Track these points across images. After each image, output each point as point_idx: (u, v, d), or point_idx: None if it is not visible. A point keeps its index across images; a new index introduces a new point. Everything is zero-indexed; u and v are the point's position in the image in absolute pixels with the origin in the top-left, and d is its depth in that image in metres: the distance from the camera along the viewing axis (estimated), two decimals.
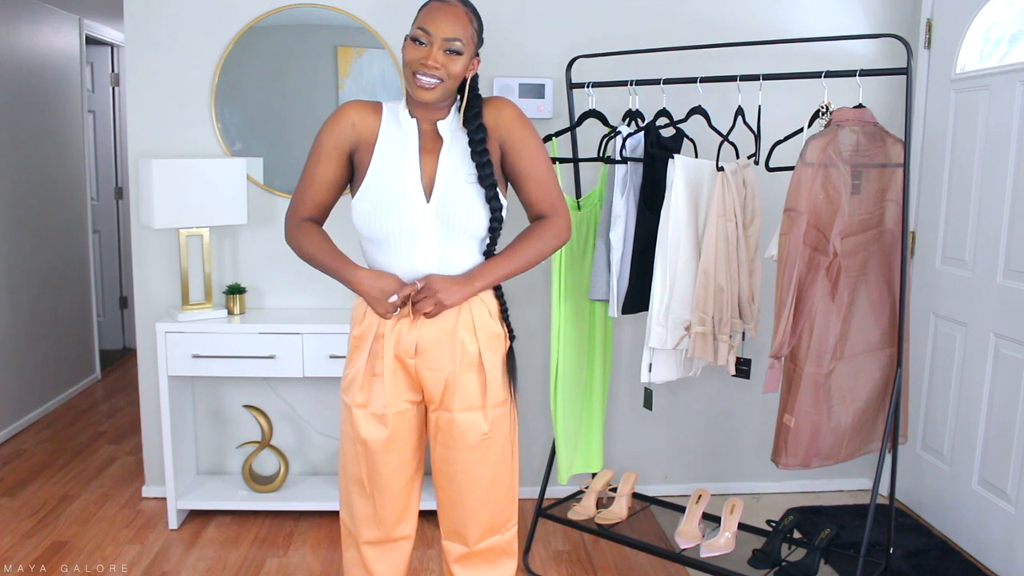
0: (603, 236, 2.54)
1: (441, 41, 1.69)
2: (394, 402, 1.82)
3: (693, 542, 2.53)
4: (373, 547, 1.93)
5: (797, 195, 2.20)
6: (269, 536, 2.92)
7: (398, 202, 1.74)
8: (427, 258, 1.77)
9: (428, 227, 1.76)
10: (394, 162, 1.77)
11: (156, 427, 3.10)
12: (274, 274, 3.12)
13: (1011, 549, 2.63)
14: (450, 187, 1.76)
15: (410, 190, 1.75)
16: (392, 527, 1.92)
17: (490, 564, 1.95)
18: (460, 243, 1.79)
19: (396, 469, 1.87)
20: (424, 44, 1.70)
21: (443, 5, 1.72)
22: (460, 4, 1.75)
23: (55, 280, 4.36)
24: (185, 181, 2.81)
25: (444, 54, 1.70)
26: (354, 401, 1.83)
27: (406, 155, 1.77)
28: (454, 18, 1.71)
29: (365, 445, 1.83)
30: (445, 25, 1.70)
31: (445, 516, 1.94)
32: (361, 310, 1.84)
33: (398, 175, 1.76)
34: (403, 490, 1.90)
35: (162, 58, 2.98)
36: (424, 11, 1.74)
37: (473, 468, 1.85)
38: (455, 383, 1.81)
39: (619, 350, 3.16)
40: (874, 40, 3.09)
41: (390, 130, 1.80)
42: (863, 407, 2.38)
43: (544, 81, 3.02)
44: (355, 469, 1.87)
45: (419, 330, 1.79)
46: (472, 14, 1.77)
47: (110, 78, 5.25)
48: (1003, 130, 2.66)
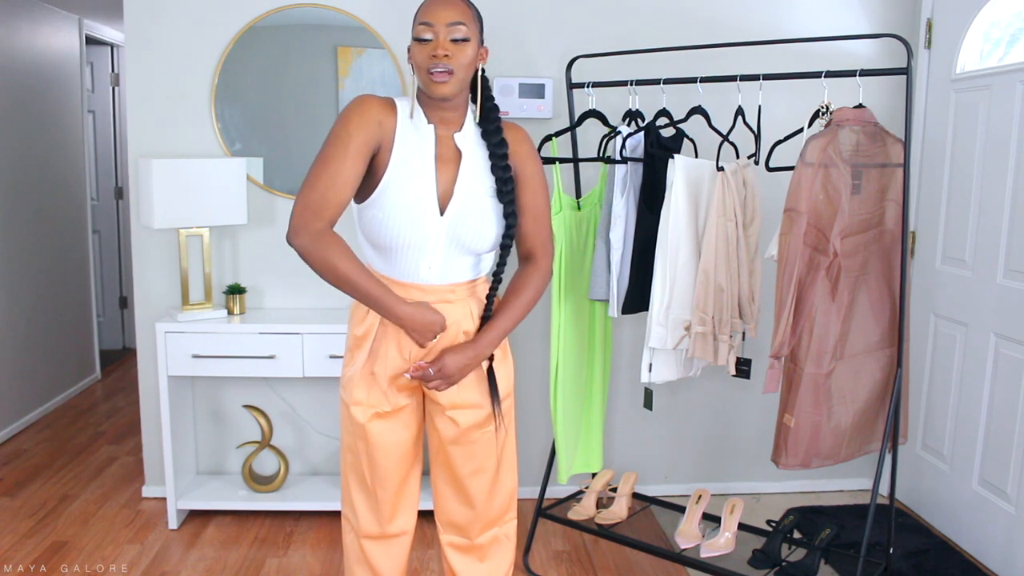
0: (603, 236, 2.54)
1: (445, 29, 1.66)
2: (395, 399, 1.83)
3: (693, 542, 2.53)
4: (374, 542, 1.94)
5: (797, 195, 2.20)
6: (269, 536, 2.92)
7: (411, 213, 1.71)
8: (431, 268, 1.76)
9: (438, 240, 1.74)
10: (411, 170, 1.72)
11: (156, 427, 3.10)
12: (274, 274, 3.12)
13: (1011, 549, 2.63)
14: (467, 202, 1.74)
15: (425, 201, 1.72)
16: (393, 521, 1.93)
17: (491, 555, 1.97)
18: (463, 257, 1.78)
19: (397, 464, 1.88)
20: (429, 39, 1.67)
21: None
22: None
23: (55, 280, 4.36)
24: (185, 181, 2.81)
25: (451, 43, 1.67)
26: (353, 399, 1.83)
27: (423, 164, 1.73)
28: (452, 5, 1.69)
29: (366, 442, 1.84)
30: (445, 13, 1.67)
31: (445, 510, 1.95)
32: (363, 308, 1.82)
33: (414, 185, 1.72)
34: (403, 484, 1.91)
35: (162, 58, 2.98)
36: (421, 9, 1.71)
37: (478, 462, 1.87)
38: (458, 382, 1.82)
39: (619, 350, 3.16)
40: (874, 40, 3.09)
41: (407, 134, 1.74)
42: (863, 407, 2.38)
43: (544, 81, 3.02)
44: (356, 465, 1.88)
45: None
46: (468, 3, 1.73)
47: (110, 78, 5.25)
48: (1003, 130, 2.66)
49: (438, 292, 1.78)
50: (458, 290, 1.80)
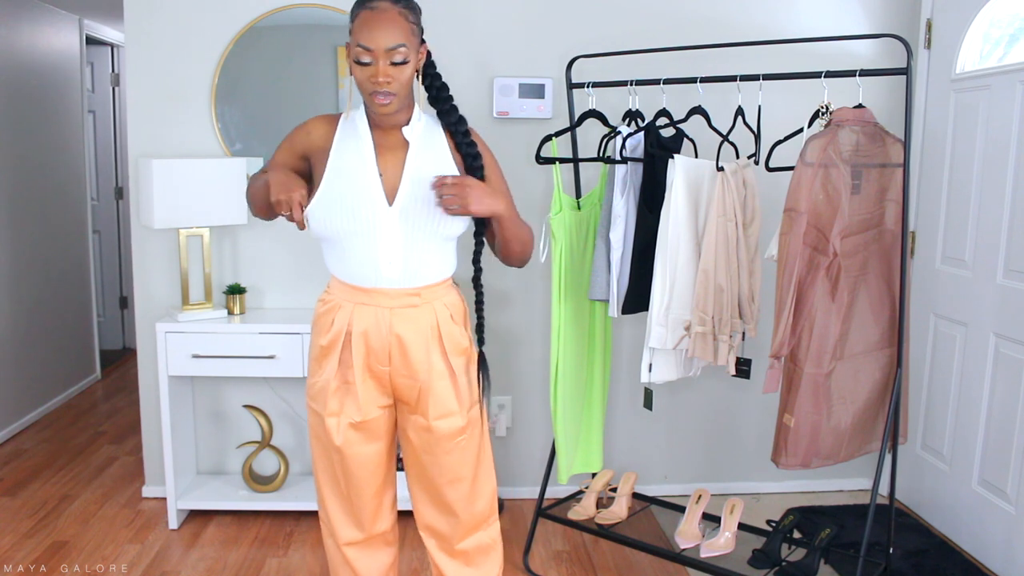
0: (603, 236, 2.54)
1: (384, 53, 1.63)
2: (368, 409, 1.82)
3: (693, 542, 2.53)
4: (355, 548, 1.94)
5: (797, 195, 2.20)
6: (269, 536, 2.92)
7: (353, 202, 1.71)
8: (391, 263, 1.74)
9: (392, 230, 1.73)
10: (347, 164, 1.74)
11: (156, 427, 3.10)
12: (274, 274, 3.12)
13: (1011, 549, 2.63)
14: (419, 190, 1.73)
15: (367, 192, 1.72)
16: (371, 526, 1.93)
17: (479, 562, 1.94)
18: (431, 246, 1.77)
19: (372, 472, 1.87)
20: (368, 63, 1.64)
21: (373, 14, 1.63)
22: (391, 5, 1.64)
23: (55, 280, 4.36)
24: (185, 181, 2.81)
25: (391, 66, 1.64)
26: (327, 410, 1.82)
27: (361, 158, 1.75)
28: (389, 24, 1.62)
29: (340, 453, 1.83)
30: (382, 36, 1.62)
31: (424, 517, 1.93)
32: (328, 318, 1.81)
33: (352, 176, 1.73)
34: (379, 490, 1.91)
35: (162, 58, 2.98)
36: (356, 24, 1.65)
37: (455, 471, 1.85)
38: (428, 391, 1.80)
39: (619, 350, 3.16)
40: (874, 40, 3.09)
41: (346, 136, 1.78)
42: (863, 407, 2.38)
43: (544, 81, 3.02)
44: (330, 474, 1.88)
45: (389, 337, 1.77)
46: (405, 9, 1.67)
47: (110, 78, 5.25)
48: (1003, 130, 2.66)
49: (401, 297, 1.76)
50: (424, 293, 1.78)
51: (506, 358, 3.16)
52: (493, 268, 3.03)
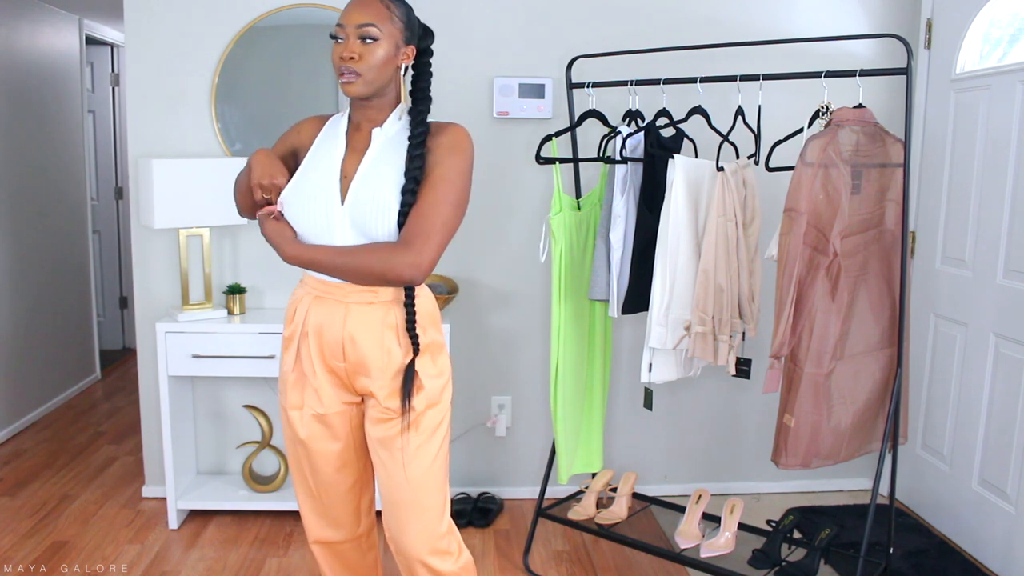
0: (603, 236, 2.54)
1: (355, 30, 1.66)
2: (330, 402, 1.80)
3: (693, 542, 2.53)
4: (326, 547, 1.94)
5: (797, 195, 2.20)
6: (269, 536, 2.92)
7: (314, 201, 1.71)
8: None
9: (344, 231, 1.70)
10: (318, 163, 1.76)
11: (156, 427, 3.11)
12: (274, 274, 3.12)
13: (1011, 549, 2.63)
14: (365, 191, 1.69)
15: (327, 190, 1.71)
16: (348, 527, 1.92)
17: None
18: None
19: (339, 470, 1.85)
20: (342, 40, 1.68)
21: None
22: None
23: (55, 280, 4.36)
24: (185, 181, 2.81)
25: (360, 43, 1.66)
26: (290, 403, 1.81)
27: (331, 156, 1.76)
28: (365, 6, 1.67)
29: (305, 447, 1.82)
30: (356, 14, 1.66)
31: (386, 523, 1.83)
32: (291, 310, 1.82)
33: (318, 174, 1.74)
34: (351, 491, 1.89)
35: (162, 58, 2.98)
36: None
37: (402, 471, 1.75)
38: (385, 391, 1.75)
39: (619, 350, 3.16)
40: (874, 40, 3.09)
41: (326, 136, 1.81)
42: (863, 407, 2.38)
43: (544, 81, 3.02)
44: (297, 468, 1.87)
45: (343, 333, 1.74)
46: (393, 3, 1.70)
47: (110, 78, 5.25)
48: (1003, 130, 2.66)
49: (356, 294, 1.74)
50: (381, 292, 1.74)
51: (506, 358, 3.17)
52: (493, 268, 3.04)
